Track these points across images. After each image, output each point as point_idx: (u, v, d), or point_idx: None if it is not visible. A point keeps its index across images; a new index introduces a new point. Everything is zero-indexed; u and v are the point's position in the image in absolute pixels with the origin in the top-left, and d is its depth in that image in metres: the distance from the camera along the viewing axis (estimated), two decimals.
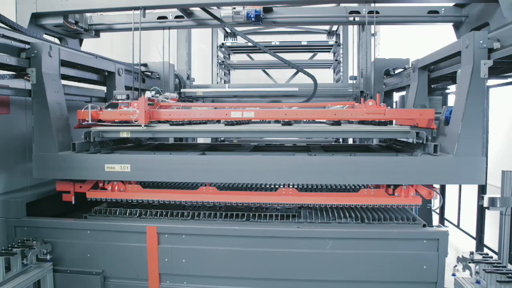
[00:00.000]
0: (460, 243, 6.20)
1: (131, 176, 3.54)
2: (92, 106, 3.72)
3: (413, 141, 3.48)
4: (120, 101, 3.86)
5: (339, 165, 3.37)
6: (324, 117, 3.95)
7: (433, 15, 4.75)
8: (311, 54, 10.57)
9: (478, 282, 2.95)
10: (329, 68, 10.24)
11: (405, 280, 3.33)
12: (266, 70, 11.00)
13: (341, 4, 5.14)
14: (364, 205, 3.60)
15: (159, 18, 5.38)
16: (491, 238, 5.60)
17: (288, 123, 3.99)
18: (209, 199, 3.70)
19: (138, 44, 4.37)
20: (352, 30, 8.32)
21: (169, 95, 4.28)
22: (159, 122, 3.85)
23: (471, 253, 3.08)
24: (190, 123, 4.10)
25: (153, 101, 3.89)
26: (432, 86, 4.91)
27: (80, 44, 5.61)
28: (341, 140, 7.79)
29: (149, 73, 6.11)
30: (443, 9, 4.67)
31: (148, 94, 3.85)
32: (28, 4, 4.50)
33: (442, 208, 7.03)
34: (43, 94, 3.51)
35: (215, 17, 4.97)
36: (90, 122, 3.70)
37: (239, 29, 6.03)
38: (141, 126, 3.65)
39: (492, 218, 5.19)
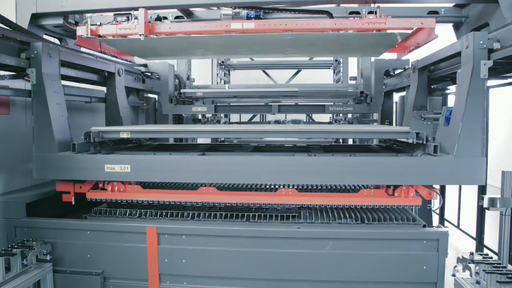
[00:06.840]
0: (460, 244, 6.20)
1: (131, 177, 3.54)
2: (91, 22, 3.73)
3: (413, 142, 3.48)
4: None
5: (339, 166, 3.37)
6: (324, 28, 3.82)
7: (433, 16, 4.74)
8: None
9: (478, 282, 2.95)
10: (329, 68, 10.23)
11: (405, 281, 3.32)
12: (266, 71, 10.99)
13: (341, 5, 5.13)
14: (364, 205, 3.60)
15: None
16: (491, 238, 5.60)
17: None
18: (209, 200, 3.70)
19: None
20: None
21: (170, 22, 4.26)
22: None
23: (471, 253, 3.08)
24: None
25: None
26: (432, 86, 4.91)
27: None
28: (341, 140, 7.80)
29: (149, 74, 6.11)
30: (443, 10, 4.66)
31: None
32: (28, 5, 4.49)
33: (442, 208, 7.04)
34: (43, 94, 3.51)
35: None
36: (89, 36, 3.67)
37: None
38: (141, 37, 3.62)
39: (492, 218, 5.19)
